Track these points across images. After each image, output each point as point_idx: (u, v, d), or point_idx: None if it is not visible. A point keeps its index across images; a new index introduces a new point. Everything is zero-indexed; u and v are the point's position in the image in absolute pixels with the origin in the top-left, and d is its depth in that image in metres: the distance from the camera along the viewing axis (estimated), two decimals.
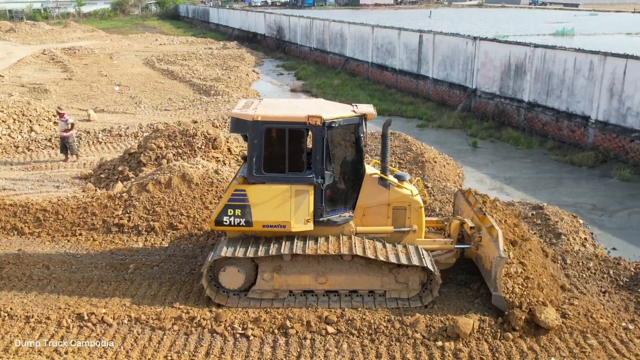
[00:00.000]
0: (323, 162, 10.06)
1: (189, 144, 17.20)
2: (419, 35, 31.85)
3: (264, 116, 9.96)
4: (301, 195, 10.10)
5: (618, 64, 20.06)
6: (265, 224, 10.20)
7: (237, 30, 66.61)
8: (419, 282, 10.36)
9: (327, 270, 10.29)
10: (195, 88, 33.30)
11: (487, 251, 10.38)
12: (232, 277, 10.34)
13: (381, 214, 10.76)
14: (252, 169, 10.09)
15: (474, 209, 11.45)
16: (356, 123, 10.32)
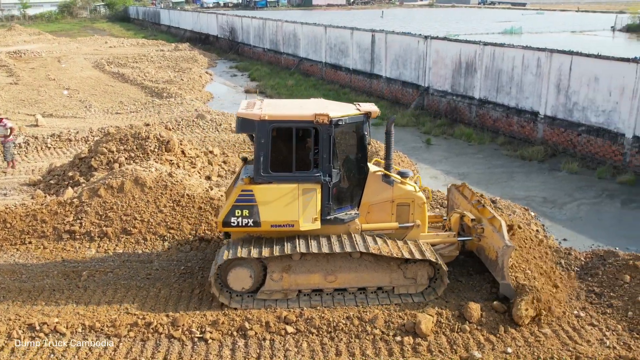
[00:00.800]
0: (330, 160, 10.06)
1: (141, 147, 16.90)
2: (372, 34, 32.11)
3: (271, 115, 9.87)
4: (309, 193, 10.05)
5: (564, 61, 20.64)
6: (273, 224, 10.10)
7: (188, 31, 65.82)
8: (427, 277, 10.45)
9: (337, 268, 10.28)
10: (147, 91, 32.76)
11: (491, 242, 10.54)
12: (240, 279, 10.22)
13: (385, 211, 10.81)
14: (260, 169, 10.00)
15: (472, 202, 11.64)
16: (361, 121, 10.36)
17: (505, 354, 8.92)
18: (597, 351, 8.97)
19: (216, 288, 10.19)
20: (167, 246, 12.65)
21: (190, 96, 30.92)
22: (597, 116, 19.61)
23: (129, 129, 17.86)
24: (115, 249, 12.56)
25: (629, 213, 15.45)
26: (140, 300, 10.49)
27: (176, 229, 13.12)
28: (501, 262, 10.07)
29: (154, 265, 11.81)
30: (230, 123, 23.93)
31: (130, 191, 13.72)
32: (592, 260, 11.79)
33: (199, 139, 21.59)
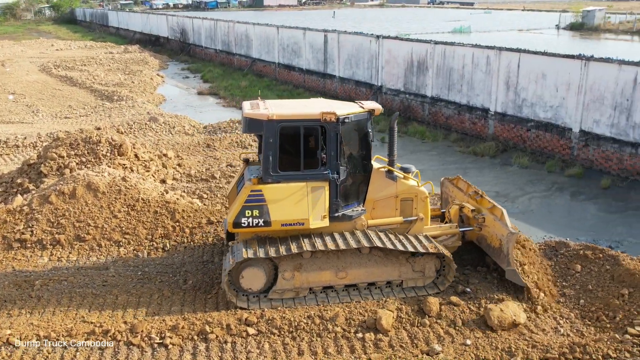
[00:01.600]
0: (337, 157, 10.13)
1: (92, 152, 16.52)
2: (324, 34, 32.22)
3: (279, 115, 9.88)
4: (317, 191, 10.12)
5: (512, 58, 21.16)
6: (284, 223, 10.12)
7: (138, 33, 64.71)
8: (434, 269, 10.64)
9: (347, 264, 10.37)
10: (97, 94, 32.05)
11: (493, 230, 10.84)
12: (253, 279, 10.20)
13: (390, 206, 10.96)
14: (269, 168, 9.99)
15: (469, 193, 11.90)
16: (365, 118, 10.47)
17: (465, 346, 9.09)
18: (552, 339, 9.24)
19: (230, 291, 10.15)
20: (123, 252, 12.40)
21: (141, 99, 30.41)
22: (545, 112, 20.18)
23: (79, 133, 17.43)
24: (69, 257, 12.25)
25: (577, 205, 15.95)
26: (96, 308, 10.26)
27: (132, 234, 12.89)
28: (506, 249, 10.41)
29: (110, 272, 11.56)
30: (184, 125, 23.65)
31: (83, 197, 13.41)
32: (544, 251, 12.12)
33: (152, 142, 21.25)
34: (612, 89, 18.05)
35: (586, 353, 8.67)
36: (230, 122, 23.71)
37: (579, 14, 67.92)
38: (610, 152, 18.29)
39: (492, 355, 8.84)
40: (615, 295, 10.32)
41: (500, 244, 10.65)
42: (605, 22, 66.13)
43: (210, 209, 13.95)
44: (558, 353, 8.72)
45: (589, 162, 18.88)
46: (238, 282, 10.22)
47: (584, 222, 14.65)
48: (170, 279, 11.37)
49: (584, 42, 51.66)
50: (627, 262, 11.00)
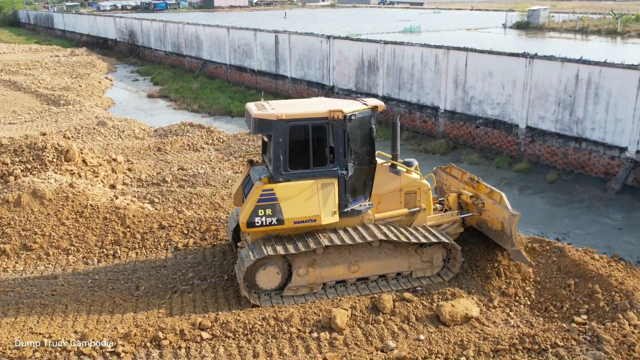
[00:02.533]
0: (345, 154, 10.33)
1: (38, 158, 16.07)
2: (275, 35, 32.17)
3: (288, 114, 10.02)
4: (327, 188, 10.32)
5: (460, 57, 21.56)
6: (296, 220, 10.24)
7: (85, 36, 63.24)
8: (442, 259, 11.05)
9: (359, 258, 10.62)
10: (42, 98, 31.15)
11: (494, 214, 11.32)
12: (269, 277, 10.35)
13: (394, 200, 11.29)
14: (279, 167, 10.13)
15: (464, 180, 12.32)
16: (369, 115, 10.71)
17: (418, 341, 9.21)
18: (502, 331, 9.45)
19: (247, 291, 10.30)
20: (72, 260, 12.10)
21: (89, 103, 29.73)
22: (492, 109, 20.63)
23: (23, 139, 16.93)
24: (15, 267, 11.87)
25: (526, 199, 16.35)
26: (45, 319, 9.98)
27: (80, 241, 12.59)
28: (509, 230, 10.88)
29: (59, 281, 11.26)
30: (134, 129, 23.23)
31: (29, 205, 13.03)
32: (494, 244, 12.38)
33: (101, 147, 20.80)
34: (556, 86, 18.60)
35: (535, 343, 8.90)
36: (182, 125, 23.42)
37: (525, 14, 69.70)
38: (555, 147, 18.83)
39: (445, 349, 8.98)
40: (562, 285, 10.64)
41: (502, 227, 11.11)
42: (550, 21, 68.06)
43: (162, 213, 13.74)
44: (508, 344, 8.92)
45: (536, 157, 19.40)
46: (254, 281, 10.36)
47: (532, 216, 15.03)
48: (121, 286, 11.16)
49: (530, 41, 53.05)
50: (572, 254, 11.36)
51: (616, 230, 14.16)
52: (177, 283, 11.30)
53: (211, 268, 11.89)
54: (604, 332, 8.99)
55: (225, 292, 11.03)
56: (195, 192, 15.29)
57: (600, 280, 10.44)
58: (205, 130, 22.59)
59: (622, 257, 12.18)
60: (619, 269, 11.18)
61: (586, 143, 17.99)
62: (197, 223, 13.46)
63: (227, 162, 18.82)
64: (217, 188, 16.00)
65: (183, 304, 10.62)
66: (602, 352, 8.58)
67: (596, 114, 17.67)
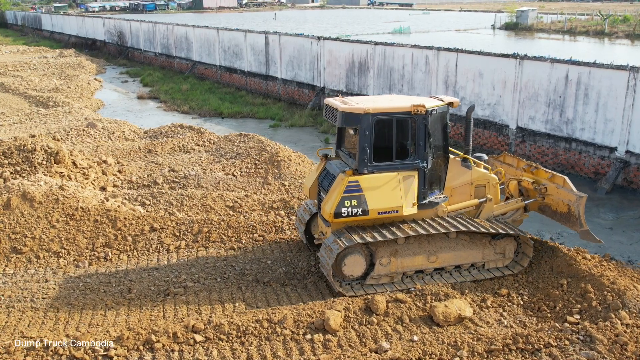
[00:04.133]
0: (425, 147, 10.59)
1: (27, 161, 15.92)
2: (265, 36, 32.12)
3: (375, 109, 10.27)
4: (408, 180, 10.59)
5: (450, 58, 21.62)
6: (380, 211, 10.49)
7: (74, 37, 62.91)
8: (514, 250, 11.38)
9: (437, 248, 10.93)
10: (31, 100, 30.91)
11: (558, 197, 11.61)
12: (355, 266, 10.63)
13: (465, 193, 11.63)
14: (365, 159, 10.40)
15: (522, 167, 12.62)
16: (445, 111, 10.99)
17: (412, 342, 9.20)
18: (496, 331, 9.47)
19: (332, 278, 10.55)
20: (63, 263, 12.00)
21: (79, 104, 29.53)
22: (483, 109, 20.70)
23: (12, 141, 16.77)
24: (5, 270, 11.75)
25: None
26: (37, 323, 9.87)
27: (71, 244, 12.50)
28: (577, 212, 11.13)
29: (50, 284, 11.16)
30: (124, 131, 23.10)
31: (18, 207, 12.91)
32: None
33: (90, 149, 20.66)
34: (546, 87, 18.69)
35: (528, 343, 8.93)
36: (172, 126, 23.32)
37: (514, 14, 70.05)
38: (545, 147, 18.93)
39: (439, 349, 8.99)
40: (555, 285, 10.69)
41: (568, 209, 11.38)
42: (538, 21, 68.46)
43: (153, 215, 13.66)
44: (502, 344, 8.94)
45: (526, 157, 19.48)
46: (340, 270, 10.61)
47: None
48: (113, 289, 11.08)
49: (519, 41, 53.32)
50: (564, 253, 11.43)
51: (607, 230, 14.25)
52: (170, 285, 11.23)
53: (204, 270, 11.83)
54: (597, 332, 9.03)
55: (218, 294, 10.96)
56: (187, 194, 15.22)
57: (592, 279, 10.49)
58: (195, 131, 22.50)
59: (613, 256, 12.26)
60: (610, 268, 11.25)
61: (576, 143, 18.10)
62: (189, 225, 13.40)
63: (218, 163, 18.76)
64: (208, 190, 15.93)
65: (176, 306, 10.55)
66: (595, 351, 8.61)
67: (586, 114, 17.78)
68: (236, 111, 28.01)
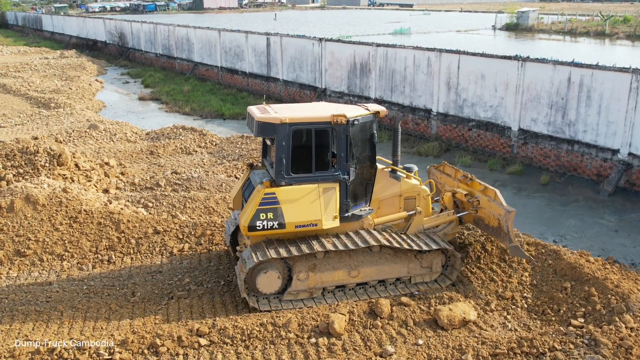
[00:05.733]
0: (347, 159, 10.32)
1: (30, 163, 15.93)
2: (267, 38, 32.12)
3: (292, 118, 9.99)
4: (328, 192, 10.30)
5: (452, 60, 21.62)
6: (297, 224, 10.22)
7: (74, 37, 62.90)
8: (441, 264, 11.09)
9: (359, 263, 10.61)
10: (32, 101, 30.93)
11: (490, 211, 11.27)
12: (269, 281, 10.31)
13: (394, 205, 11.28)
14: (282, 171, 10.10)
15: (458, 178, 12.24)
16: (371, 120, 10.68)
17: (417, 346, 9.21)
18: (500, 335, 9.47)
19: (246, 293, 10.27)
20: (67, 266, 12.01)
21: (80, 106, 29.55)
22: (485, 111, 20.71)
23: (15, 143, 16.79)
24: (9, 273, 11.76)
25: (519, 201, 16.40)
26: (41, 326, 9.88)
27: (75, 247, 12.50)
28: (506, 227, 10.80)
29: (54, 287, 11.16)
30: (126, 132, 23.11)
31: (22, 210, 12.91)
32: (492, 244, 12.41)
33: (93, 151, 20.67)
34: (548, 89, 18.69)
35: (533, 347, 8.92)
36: (174, 128, 23.32)
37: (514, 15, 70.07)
38: (548, 150, 18.93)
39: (444, 353, 8.99)
40: (559, 288, 10.68)
41: (498, 223, 11.08)
42: (539, 22, 68.48)
43: (156, 218, 13.66)
44: (507, 348, 8.94)
45: (529, 159, 19.49)
46: (254, 285, 10.30)
47: (527, 217, 15.08)
48: (117, 292, 11.08)
49: (520, 42, 53.32)
50: (568, 256, 11.41)
51: (610, 232, 14.25)
52: (174, 289, 11.23)
53: (207, 273, 11.84)
54: (601, 335, 9.03)
55: (222, 297, 10.98)
56: (190, 196, 15.22)
57: (596, 283, 10.49)
58: (197, 133, 22.51)
59: (616, 259, 12.25)
60: (614, 271, 11.24)
61: (578, 145, 18.10)
62: (192, 228, 13.40)
63: (220, 165, 18.76)
64: (211, 192, 15.93)
65: (180, 309, 10.55)
66: (600, 355, 8.61)
67: (588, 116, 17.78)
68: (238, 112, 28.01)
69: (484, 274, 11.49)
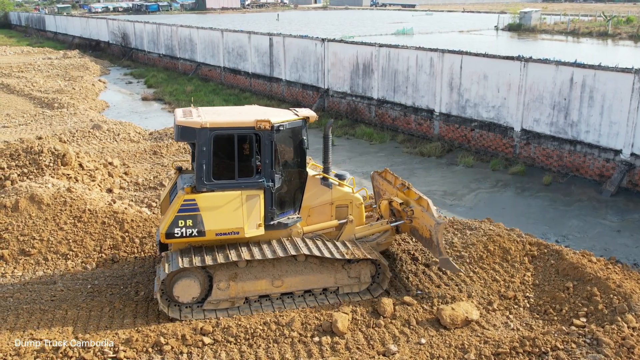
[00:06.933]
0: (272, 165, 10.07)
1: (34, 163, 16.01)
2: (269, 38, 32.18)
3: (213, 123, 9.73)
4: (252, 200, 10.02)
5: (455, 60, 21.65)
6: (218, 232, 9.96)
7: (77, 38, 63.06)
8: (370, 275, 10.76)
9: (283, 272, 10.34)
10: (36, 101, 31.03)
11: (422, 221, 10.85)
12: (187, 290, 10.00)
13: (325, 213, 11.02)
14: (202, 177, 9.81)
15: (397, 186, 11.89)
16: (299, 126, 10.43)
17: (420, 345, 9.26)
18: (503, 334, 9.51)
19: (163, 303, 9.96)
20: (71, 265, 12.07)
21: (84, 106, 29.64)
22: (487, 112, 20.73)
23: (19, 143, 16.87)
24: (14, 272, 11.82)
25: (522, 201, 16.44)
26: (45, 325, 9.93)
27: (79, 246, 12.56)
28: (435, 239, 10.50)
29: (58, 286, 11.22)
30: (129, 132, 23.19)
31: (26, 209, 12.98)
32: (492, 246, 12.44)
33: (96, 151, 20.75)
34: (551, 89, 18.72)
35: (535, 346, 8.96)
36: None
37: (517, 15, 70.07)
38: (550, 150, 18.95)
39: (447, 352, 9.04)
40: (561, 288, 10.72)
41: (430, 235, 10.68)
42: (541, 23, 68.45)
43: (160, 217, 13.72)
44: (509, 347, 8.98)
45: (531, 159, 19.51)
46: (171, 293, 10.01)
47: (529, 217, 15.12)
48: (121, 291, 11.14)
49: (522, 43, 53.32)
50: (570, 256, 11.44)
51: (613, 233, 14.28)
52: None
53: None
54: (604, 335, 9.06)
55: None
56: None
57: (598, 283, 10.52)
58: None
59: (619, 259, 12.29)
60: (616, 271, 11.28)
61: (581, 146, 18.12)
62: None
63: None
64: None
65: None
66: (602, 354, 8.65)
67: (591, 116, 17.80)
68: None
69: (486, 273, 11.52)
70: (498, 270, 11.58)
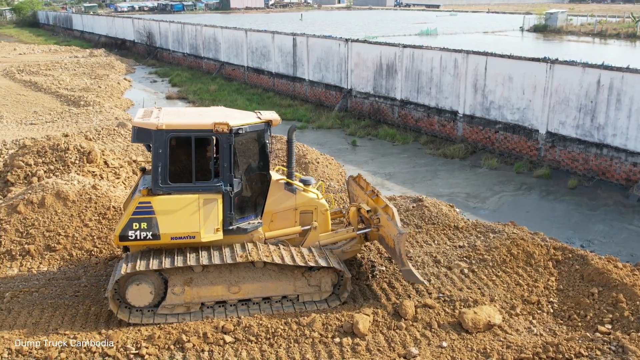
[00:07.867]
0: (231, 169, 9.93)
1: (61, 160, 16.24)
2: (293, 38, 32.24)
3: (169, 124, 9.65)
4: (210, 204, 9.88)
5: (480, 61, 21.47)
6: (173, 236, 9.85)
7: (103, 37, 63.82)
8: (331, 284, 10.53)
9: (240, 279, 10.16)
10: (62, 99, 31.49)
11: (388, 230, 10.60)
12: (139, 294, 9.89)
13: (289, 219, 10.82)
14: (158, 180, 9.74)
15: (367, 192, 11.66)
16: (262, 129, 10.27)
17: (441, 348, 9.20)
18: (525, 339, 9.40)
19: (114, 304, 9.82)
20: (95, 261, 12.22)
21: (109, 104, 29.99)
22: (512, 114, 20.53)
23: (46, 140, 17.12)
24: (40, 267, 12.01)
25: (547, 204, 16.25)
26: (69, 320, 10.08)
27: (103, 242, 12.71)
28: (398, 249, 10.22)
29: (82, 282, 11.37)
30: None
31: (52, 206, 13.17)
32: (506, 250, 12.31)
33: (121, 148, 20.98)
34: (577, 91, 18.47)
35: (559, 352, 8.85)
36: None
37: (542, 16, 69.22)
38: (576, 153, 18.70)
39: (468, 356, 8.97)
40: (586, 294, 10.57)
41: (393, 244, 10.43)
42: (568, 24, 67.53)
43: None
44: (532, 353, 8.88)
45: (556, 162, 19.27)
46: (124, 296, 9.90)
47: (554, 222, 14.94)
48: None
49: (548, 44, 52.68)
50: (595, 262, 11.27)
51: (639, 238, 14.03)
52: None
53: None
54: (629, 343, 8.92)
55: None
56: None
57: (624, 289, 10.35)
58: None
59: None
60: None
61: (607, 149, 17.85)
62: None
63: None
64: None
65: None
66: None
67: (618, 120, 17.53)
68: None
69: (509, 277, 11.40)
70: (521, 275, 11.46)
